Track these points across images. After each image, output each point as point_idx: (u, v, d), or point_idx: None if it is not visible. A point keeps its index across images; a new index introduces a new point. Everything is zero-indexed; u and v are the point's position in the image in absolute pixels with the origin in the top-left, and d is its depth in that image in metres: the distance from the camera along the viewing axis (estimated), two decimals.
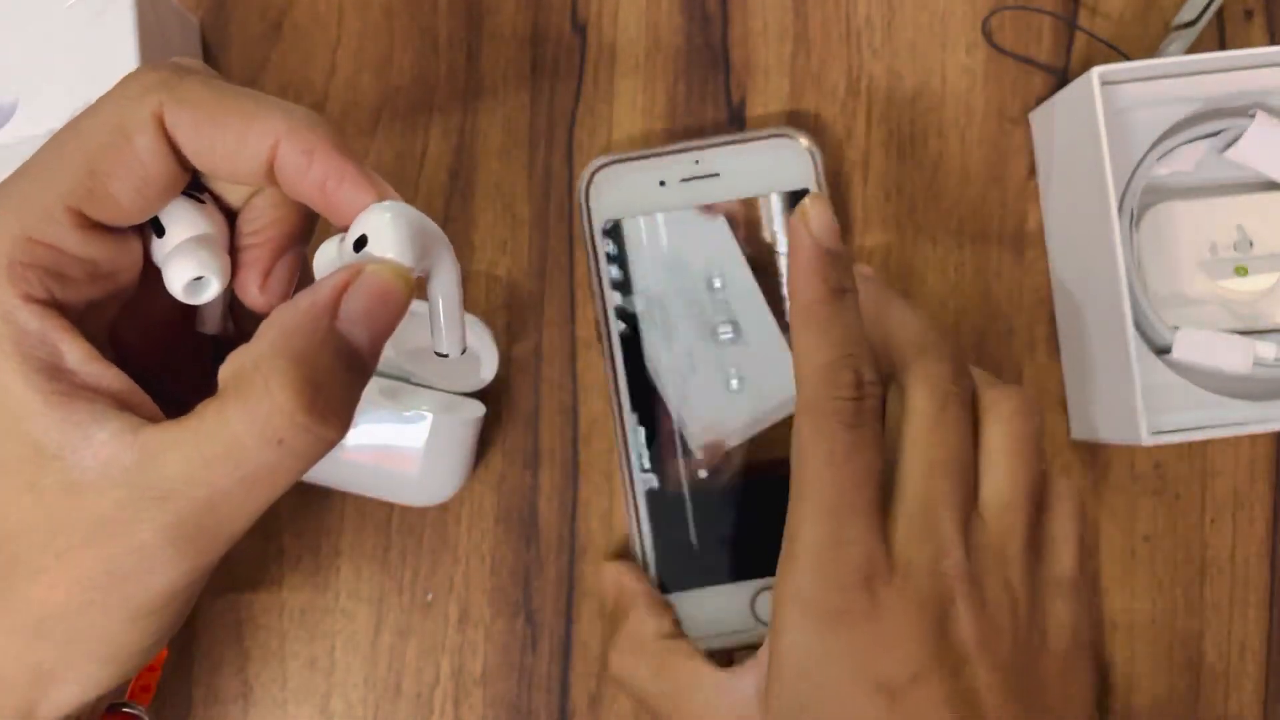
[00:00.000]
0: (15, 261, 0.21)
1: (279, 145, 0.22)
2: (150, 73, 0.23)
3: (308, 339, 0.21)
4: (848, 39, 0.47)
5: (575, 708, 0.45)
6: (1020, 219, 0.47)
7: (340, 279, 0.22)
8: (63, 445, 0.21)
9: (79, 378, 0.22)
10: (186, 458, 0.21)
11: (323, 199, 0.23)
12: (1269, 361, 0.42)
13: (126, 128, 0.22)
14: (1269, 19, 0.47)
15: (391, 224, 0.22)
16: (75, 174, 0.22)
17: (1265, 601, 0.46)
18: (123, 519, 0.21)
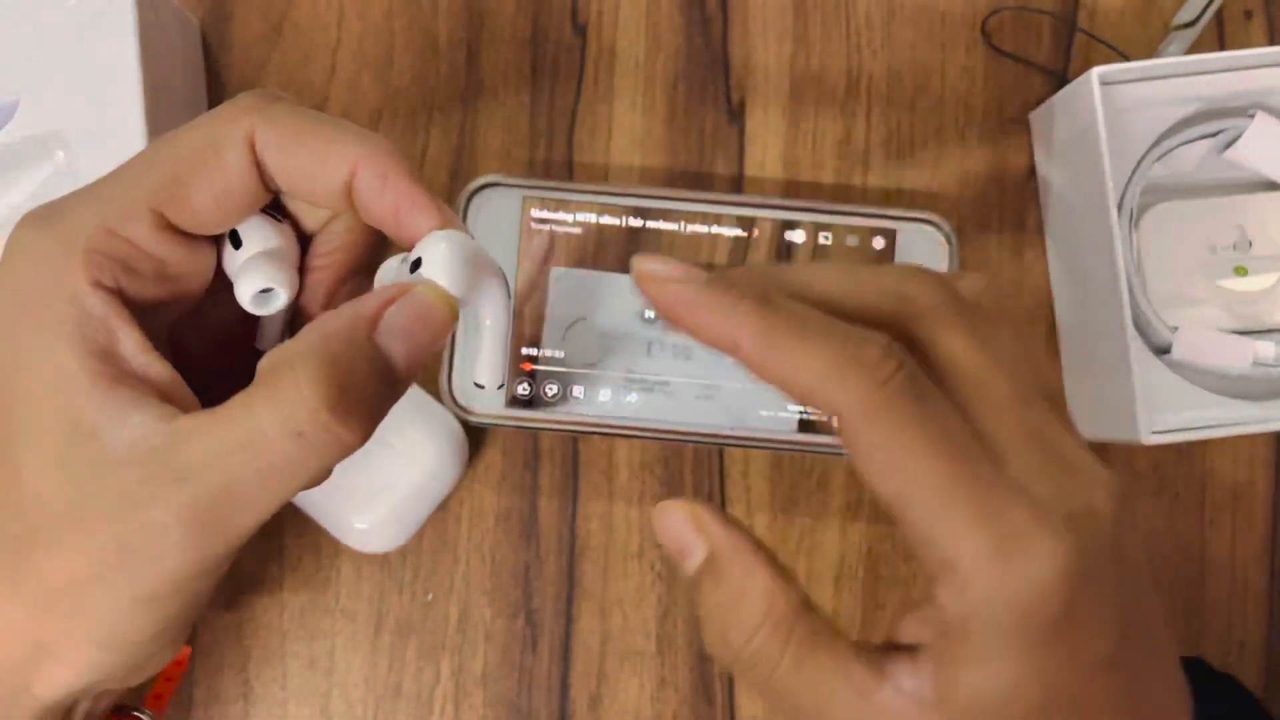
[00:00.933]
0: (91, 249, 0.23)
1: (357, 169, 0.24)
2: (246, 98, 0.24)
3: (344, 344, 0.22)
4: (848, 39, 0.47)
5: (575, 708, 0.45)
6: (1020, 219, 0.47)
7: (387, 294, 0.23)
8: (99, 425, 0.22)
9: (129, 364, 0.23)
10: (208, 442, 0.22)
11: (393, 222, 0.25)
12: (1268, 361, 0.42)
13: (218, 142, 0.24)
14: (1268, 19, 0.48)
15: (445, 251, 0.23)
16: (162, 178, 0.23)
17: (1264, 601, 0.46)
18: (141, 496, 0.22)
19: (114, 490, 0.22)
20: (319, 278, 0.26)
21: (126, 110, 0.39)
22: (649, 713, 0.45)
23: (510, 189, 0.45)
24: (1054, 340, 0.47)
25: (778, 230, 0.45)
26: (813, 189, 0.47)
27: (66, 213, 0.23)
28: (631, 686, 0.45)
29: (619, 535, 0.45)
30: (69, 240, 0.23)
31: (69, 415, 0.22)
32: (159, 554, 0.22)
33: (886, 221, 0.45)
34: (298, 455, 0.22)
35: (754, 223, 0.45)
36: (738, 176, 0.47)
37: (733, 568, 0.24)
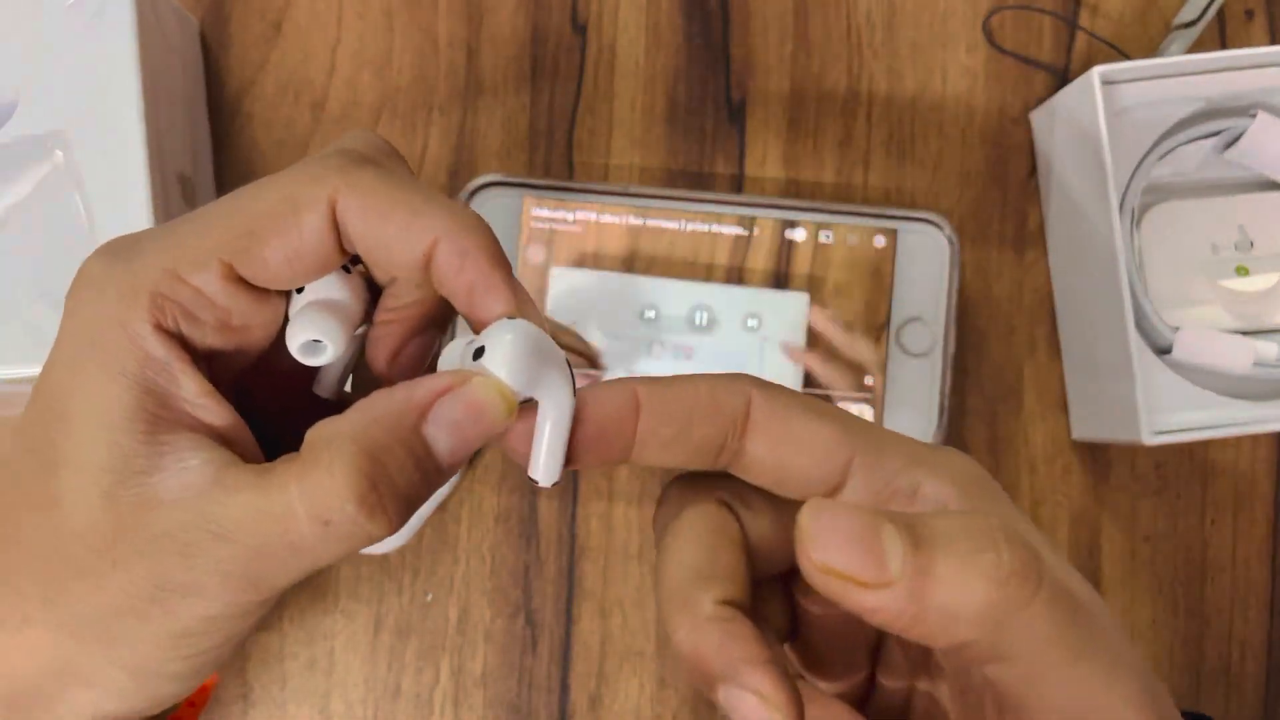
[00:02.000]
0: (157, 292, 0.23)
1: (437, 244, 0.23)
2: (333, 157, 0.24)
3: (388, 432, 0.22)
4: (848, 39, 0.47)
5: (575, 708, 0.45)
6: (1021, 219, 0.47)
7: (443, 383, 0.23)
8: (151, 466, 0.22)
9: (188, 408, 0.23)
10: (247, 506, 0.22)
11: (467, 302, 0.24)
12: (1270, 361, 0.42)
13: (297, 202, 0.23)
14: (1270, 19, 0.47)
15: (510, 343, 0.23)
16: (235, 230, 0.23)
17: (1266, 602, 0.46)
18: (181, 541, 0.22)
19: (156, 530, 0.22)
20: (387, 331, 0.26)
21: (125, 110, 0.39)
22: (649, 713, 0.45)
23: (510, 188, 0.45)
24: (1055, 340, 0.47)
25: (778, 230, 0.45)
26: (813, 188, 0.47)
27: (138, 252, 0.23)
28: (631, 687, 0.45)
29: (619, 535, 0.45)
30: (136, 280, 0.23)
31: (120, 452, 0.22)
32: (194, 597, 0.22)
33: (887, 221, 0.45)
34: (322, 540, 0.22)
35: (754, 222, 0.45)
36: (738, 176, 0.47)
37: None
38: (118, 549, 0.22)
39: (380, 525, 0.22)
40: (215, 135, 0.46)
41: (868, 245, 0.45)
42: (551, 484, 0.24)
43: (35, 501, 0.23)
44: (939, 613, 0.21)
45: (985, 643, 0.21)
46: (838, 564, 0.20)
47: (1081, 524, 0.46)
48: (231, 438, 0.23)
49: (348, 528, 0.21)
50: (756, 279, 0.45)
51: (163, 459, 0.22)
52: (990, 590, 0.21)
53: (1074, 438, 0.46)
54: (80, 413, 0.22)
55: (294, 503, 0.21)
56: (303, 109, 0.47)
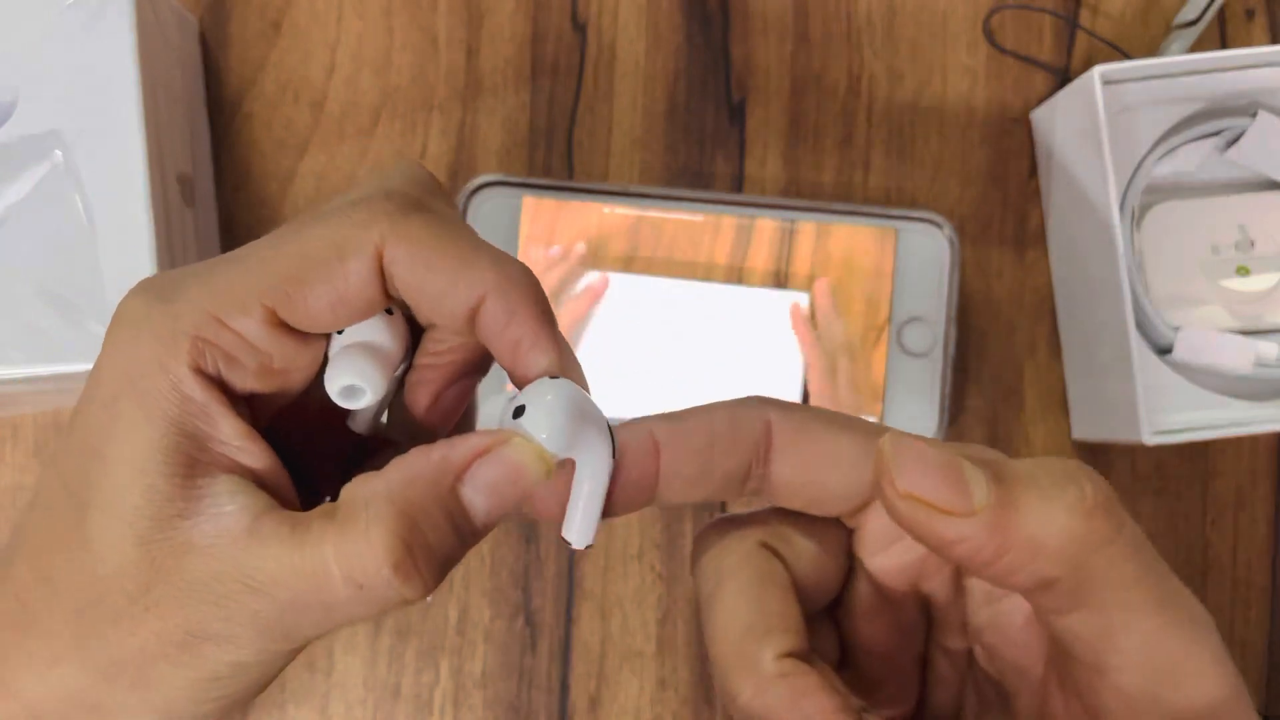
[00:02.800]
0: (198, 335, 0.22)
1: (486, 299, 0.23)
2: (383, 201, 0.23)
3: (425, 494, 0.22)
4: (848, 39, 0.47)
5: (575, 708, 0.45)
6: (1021, 218, 0.47)
7: (482, 444, 0.22)
8: (187, 510, 0.22)
9: (226, 450, 0.23)
10: (280, 561, 0.21)
11: (511, 357, 0.24)
12: (1270, 361, 0.42)
13: (344, 248, 0.23)
14: (1270, 18, 0.47)
15: (550, 405, 0.22)
16: (280, 275, 0.23)
17: (1266, 602, 0.46)
18: (214, 591, 0.22)
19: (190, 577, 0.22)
20: (428, 375, 0.25)
21: (125, 109, 0.39)
22: (649, 714, 0.45)
23: (510, 188, 0.44)
24: (1055, 340, 0.47)
25: (778, 230, 0.45)
26: (813, 188, 0.47)
27: (179, 292, 0.23)
28: (631, 687, 0.45)
29: (619, 535, 0.45)
30: (177, 322, 0.22)
31: (155, 496, 0.22)
32: (225, 645, 0.22)
33: (888, 221, 0.45)
34: (355, 601, 0.22)
35: (754, 222, 0.45)
36: (738, 176, 0.47)
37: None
38: (151, 594, 0.22)
39: (415, 589, 0.22)
40: (215, 135, 0.46)
41: (868, 245, 0.45)
42: (585, 547, 0.24)
43: (68, 541, 0.22)
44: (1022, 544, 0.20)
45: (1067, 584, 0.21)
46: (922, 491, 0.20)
47: None
48: (269, 480, 0.23)
49: (382, 591, 0.21)
50: (756, 279, 0.45)
51: (199, 503, 0.22)
52: (1074, 522, 0.20)
53: (1074, 438, 0.46)
54: (116, 454, 0.22)
55: (329, 564, 0.21)
56: (302, 108, 0.46)
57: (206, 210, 0.45)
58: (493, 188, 0.44)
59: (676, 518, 0.46)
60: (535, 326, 0.23)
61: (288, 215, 0.46)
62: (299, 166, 0.46)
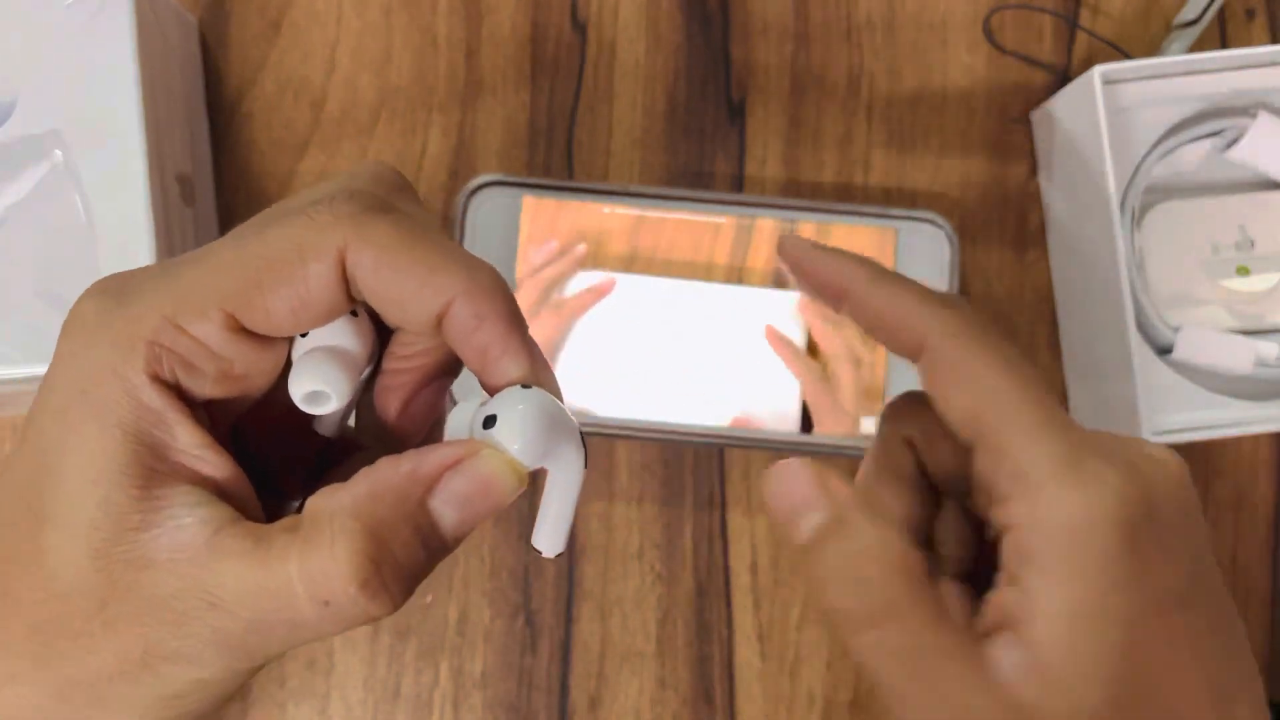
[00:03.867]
0: (155, 341, 0.22)
1: (453, 304, 0.22)
2: (345, 202, 0.23)
3: (393, 508, 0.21)
4: (848, 38, 0.47)
5: (575, 708, 0.45)
6: (1021, 218, 0.47)
7: (451, 455, 0.22)
8: (145, 523, 0.21)
9: (185, 460, 0.22)
10: (242, 578, 0.21)
11: (480, 363, 0.23)
12: (1270, 361, 0.42)
13: (305, 251, 0.22)
14: (1270, 18, 0.47)
15: (522, 416, 0.22)
16: (238, 280, 0.22)
17: (1266, 602, 0.46)
18: (174, 609, 0.21)
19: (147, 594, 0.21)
20: (398, 380, 0.25)
21: (124, 109, 0.39)
22: (649, 714, 0.45)
23: (510, 188, 0.44)
24: (1055, 340, 0.47)
25: (778, 229, 0.45)
26: (813, 188, 0.47)
27: (135, 297, 0.22)
28: (631, 687, 0.45)
29: (619, 536, 0.45)
30: (132, 327, 0.22)
31: (112, 509, 0.21)
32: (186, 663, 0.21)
33: (888, 221, 0.45)
34: (320, 620, 0.21)
35: (754, 222, 0.45)
36: (738, 176, 0.47)
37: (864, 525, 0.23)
38: (107, 611, 0.21)
39: (382, 606, 0.21)
40: (214, 134, 0.46)
41: (868, 245, 0.45)
42: (555, 555, 0.23)
43: (24, 555, 0.22)
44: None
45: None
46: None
47: None
48: (229, 489, 0.22)
49: (349, 610, 0.21)
50: (756, 278, 0.45)
51: (157, 514, 0.21)
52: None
53: None
54: (69, 466, 0.21)
55: (294, 582, 0.20)
56: (302, 108, 0.46)
57: (206, 210, 0.45)
58: (493, 187, 0.44)
59: (676, 518, 0.46)
60: (504, 331, 0.23)
61: None
62: (298, 166, 0.46)
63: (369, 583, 0.21)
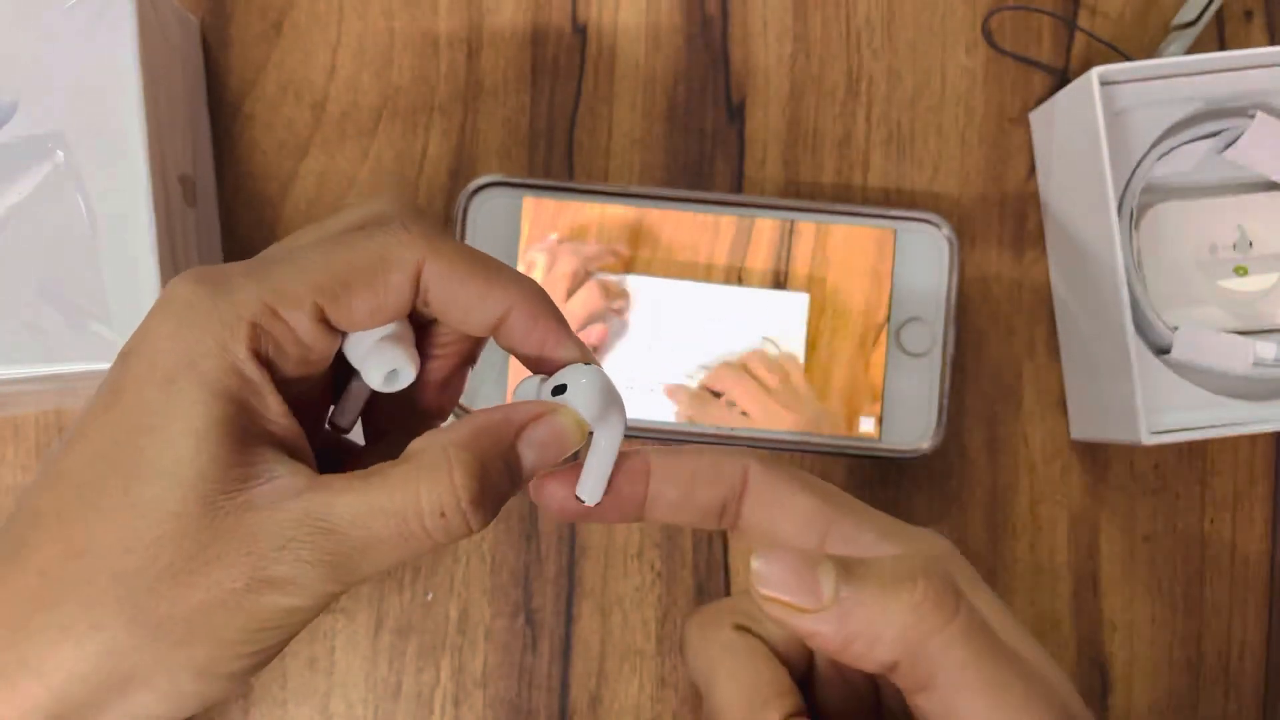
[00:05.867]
0: (256, 324, 0.25)
1: (512, 310, 0.27)
2: (418, 223, 0.27)
3: (493, 444, 0.26)
4: (848, 39, 0.47)
5: (575, 707, 0.45)
6: (1020, 219, 0.47)
7: (536, 409, 0.27)
8: (245, 475, 0.25)
9: (274, 426, 0.26)
10: (358, 502, 0.24)
11: (537, 354, 0.28)
12: (1269, 361, 0.42)
13: (389, 262, 0.26)
14: (1269, 19, 0.48)
15: (588, 386, 0.27)
16: (331, 278, 0.26)
17: (1265, 601, 0.46)
18: (284, 536, 0.24)
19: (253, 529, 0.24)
20: (438, 365, 0.29)
21: (126, 110, 0.39)
22: (649, 712, 0.45)
23: (510, 189, 0.45)
24: (1054, 340, 0.47)
25: (778, 230, 0.45)
26: (812, 189, 0.47)
27: (236, 285, 0.26)
28: (631, 686, 0.45)
29: (619, 535, 0.45)
30: (238, 310, 0.25)
31: (218, 462, 0.24)
32: (288, 588, 0.24)
33: (887, 221, 0.45)
34: (434, 531, 0.25)
35: (754, 222, 0.45)
36: (738, 176, 0.47)
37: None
38: (212, 549, 0.24)
39: (481, 520, 0.25)
40: (216, 135, 0.46)
41: (867, 245, 0.45)
42: (594, 503, 0.28)
43: (113, 510, 0.24)
44: (864, 633, 0.24)
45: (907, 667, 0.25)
46: (780, 593, 0.25)
47: (1080, 524, 0.46)
48: (302, 454, 0.26)
49: (458, 521, 0.25)
50: (756, 279, 0.45)
51: (253, 468, 0.25)
52: (905, 614, 0.24)
53: (1073, 437, 0.46)
54: (177, 428, 0.24)
55: (418, 496, 0.24)
56: (303, 109, 0.47)
57: (208, 210, 0.45)
58: (493, 188, 0.45)
59: None
60: (559, 327, 0.28)
61: (289, 215, 0.46)
62: (300, 167, 0.46)
63: (477, 499, 0.25)
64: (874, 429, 0.44)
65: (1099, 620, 0.46)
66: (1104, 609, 0.46)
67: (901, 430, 0.44)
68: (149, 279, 0.38)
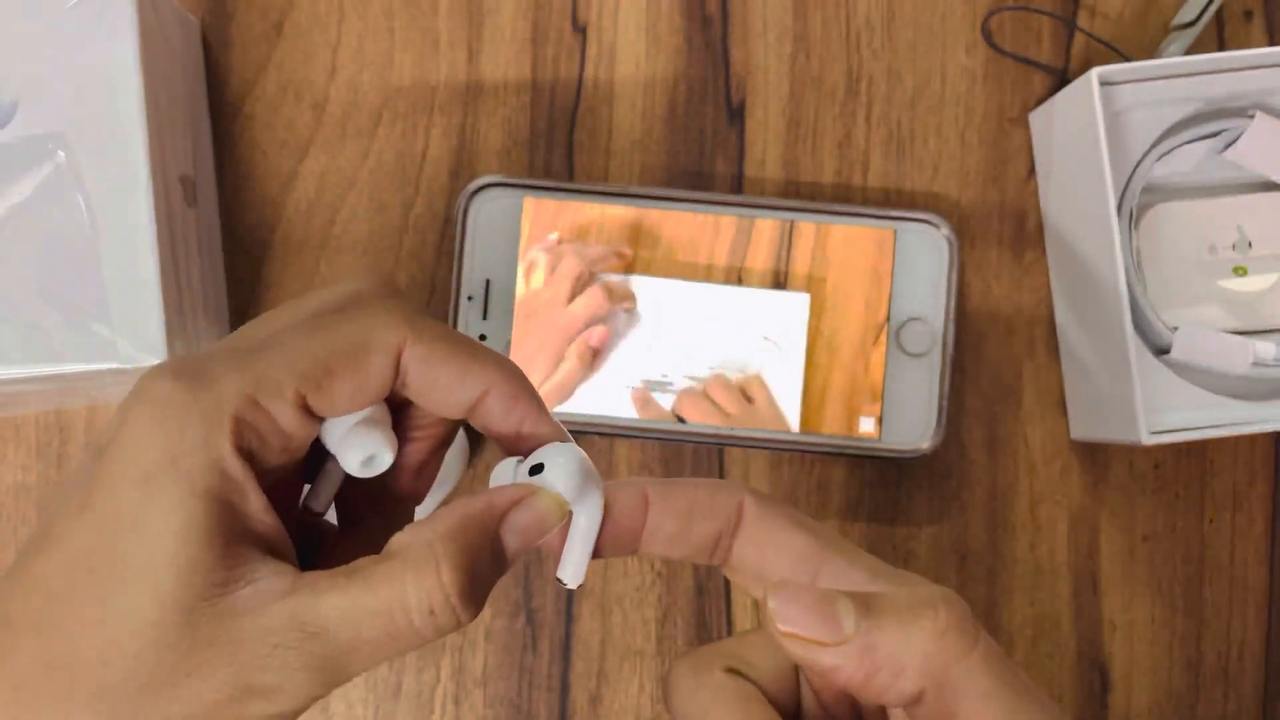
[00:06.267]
0: (239, 417, 0.24)
1: (491, 391, 0.27)
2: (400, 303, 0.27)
3: (478, 534, 0.25)
4: (848, 39, 0.47)
5: (575, 707, 0.45)
6: (1020, 219, 0.47)
7: (516, 494, 0.26)
8: (228, 578, 0.24)
9: (256, 524, 0.25)
10: (344, 602, 0.24)
11: (515, 430, 0.27)
12: (1268, 361, 0.42)
13: (370, 345, 0.26)
14: (1268, 20, 0.48)
15: (565, 465, 0.27)
16: (312, 364, 0.25)
17: (1264, 601, 0.46)
18: (268, 643, 0.23)
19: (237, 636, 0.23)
20: (414, 449, 0.29)
21: (127, 111, 0.39)
22: (649, 712, 0.45)
23: (510, 189, 0.45)
24: (1053, 340, 0.47)
25: (778, 230, 0.45)
26: (812, 189, 0.47)
27: (217, 376, 0.25)
28: (631, 686, 0.45)
29: None
30: (220, 404, 0.24)
31: (200, 566, 0.23)
32: (273, 696, 0.24)
33: (886, 222, 0.45)
34: (423, 629, 0.24)
35: (754, 223, 0.45)
36: (738, 176, 0.47)
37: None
38: (193, 659, 0.23)
39: (470, 614, 0.25)
40: (216, 135, 0.46)
41: (867, 246, 0.45)
42: (576, 586, 0.27)
43: (91, 620, 0.23)
44: (888, 665, 0.24)
45: (932, 698, 0.24)
46: (800, 629, 0.24)
47: (1080, 524, 0.46)
48: (284, 552, 0.25)
49: (448, 617, 0.24)
50: (756, 279, 0.45)
51: (235, 570, 0.24)
52: (929, 641, 0.24)
53: (1072, 437, 0.46)
54: (156, 529, 0.23)
55: (406, 596, 0.24)
56: (304, 110, 0.47)
57: (208, 211, 0.45)
58: (493, 189, 0.45)
59: None
60: (536, 407, 0.27)
61: (289, 215, 0.46)
62: (300, 167, 0.46)
63: (466, 593, 0.24)
64: (874, 429, 0.44)
65: (1099, 620, 0.46)
66: (1104, 609, 0.46)
67: (901, 430, 0.44)
68: (149, 279, 0.38)
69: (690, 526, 0.27)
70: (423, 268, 0.46)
